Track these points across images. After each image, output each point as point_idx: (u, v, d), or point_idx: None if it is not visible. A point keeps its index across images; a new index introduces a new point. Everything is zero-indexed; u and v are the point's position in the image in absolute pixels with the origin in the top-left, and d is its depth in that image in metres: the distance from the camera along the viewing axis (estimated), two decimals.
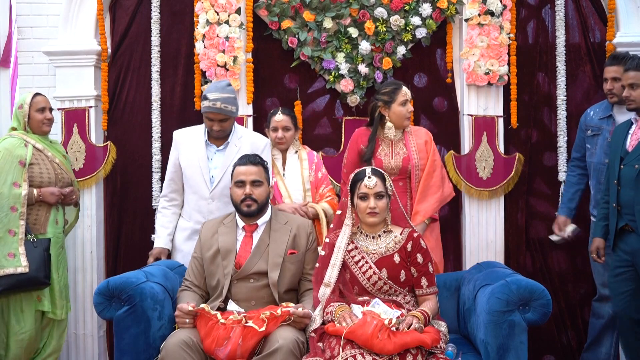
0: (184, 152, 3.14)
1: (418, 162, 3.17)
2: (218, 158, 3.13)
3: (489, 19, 3.61)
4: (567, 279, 3.74)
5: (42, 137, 3.32)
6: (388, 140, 3.20)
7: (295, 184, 3.23)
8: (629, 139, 3.06)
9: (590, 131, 3.31)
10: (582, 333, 3.69)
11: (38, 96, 3.31)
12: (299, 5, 3.66)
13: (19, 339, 3.14)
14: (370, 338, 2.27)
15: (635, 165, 2.97)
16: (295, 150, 3.34)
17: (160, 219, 3.20)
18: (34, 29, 3.91)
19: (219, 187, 3.08)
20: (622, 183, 3.03)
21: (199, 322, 2.49)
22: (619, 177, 3.04)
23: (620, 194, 3.04)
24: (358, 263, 2.64)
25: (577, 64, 3.76)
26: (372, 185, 2.59)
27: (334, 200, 3.26)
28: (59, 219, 3.31)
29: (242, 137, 3.16)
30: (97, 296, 2.59)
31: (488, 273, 2.74)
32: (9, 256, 3.03)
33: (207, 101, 3.00)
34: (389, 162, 3.17)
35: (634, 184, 2.97)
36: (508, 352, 2.43)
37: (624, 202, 3.01)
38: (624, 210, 3.02)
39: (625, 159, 3.03)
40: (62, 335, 3.35)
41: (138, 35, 3.79)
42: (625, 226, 3.02)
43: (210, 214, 3.08)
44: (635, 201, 2.96)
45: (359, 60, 3.67)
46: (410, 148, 3.20)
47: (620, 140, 3.09)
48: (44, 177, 3.22)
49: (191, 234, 3.12)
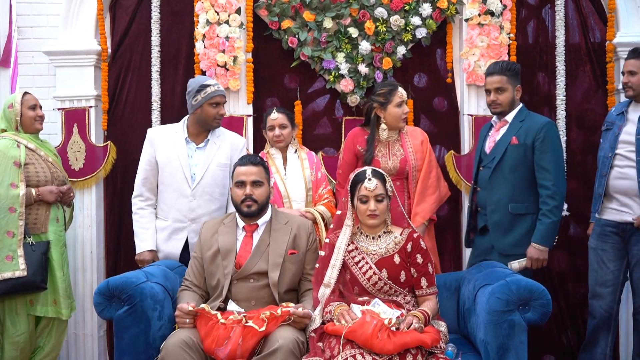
0: (161, 150, 3.13)
1: (415, 162, 3.18)
2: (198, 155, 3.14)
3: (489, 19, 3.61)
4: (567, 279, 3.74)
5: (33, 136, 3.30)
6: (385, 141, 3.21)
7: (298, 184, 3.22)
8: (487, 140, 3.18)
9: (605, 126, 3.28)
10: (582, 333, 3.69)
11: (27, 94, 3.31)
12: (299, 5, 3.66)
13: (14, 341, 3.13)
14: (370, 338, 2.27)
15: (490, 167, 3.07)
16: (294, 150, 3.34)
17: (140, 221, 3.15)
18: (34, 29, 3.91)
19: (200, 184, 3.09)
20: (480, 185, 3.14)
21: (199, 322, 2.49)
22: (477, 178, 3.16)
23: (477, 195, 3.15)
24: (358, 264, 2.64)
25: (577, 64, 3.76)
26: (373, 188, 2.59)
27: (331, 202, 3.25)
28: (59, 217, 3.30)
29: (220, 136, 3.19)
30: (97, 296, 2.58)
31: (488, 273, 2.74)
32: (7, 259, 3.01)
33: (209, 87, 3.07)
34: (387, 163, 3.17)
35: (487, 185, 3.08)
36: (508, 352, 2.43)
37: (481, 203, 3.13)
38: (482, 211, 3.14)
39: (483, 161, 3.14)
40: (62, 333, 3.34)
41: (138, 35, 3.80)
42: (485, 226, 3.14)
43: (191, 212, 3.09)
44: (487, 202, 3.07)
45: (359, 60, 3.67)
46: (407, 149, 3.20)
47: (481, 140, 3.21)
48: (40, 176, 3.21)
49: (171, 234, 3.12)
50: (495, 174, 3.05)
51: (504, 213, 3.02)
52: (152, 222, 3.15)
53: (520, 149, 3.01)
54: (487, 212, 3.07)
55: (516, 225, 3.02)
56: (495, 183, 3.05)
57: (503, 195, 3.03)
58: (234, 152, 3.17)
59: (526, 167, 3.01)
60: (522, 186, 3.02)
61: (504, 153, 3.03)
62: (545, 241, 2.97)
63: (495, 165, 3.04)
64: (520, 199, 3.02)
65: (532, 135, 3.00)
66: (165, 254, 3.14)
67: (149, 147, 3.17)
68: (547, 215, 2.95)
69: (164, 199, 3.14)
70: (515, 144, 3.02)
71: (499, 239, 3.04)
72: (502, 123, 3.15)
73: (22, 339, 3.15)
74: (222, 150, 3.13)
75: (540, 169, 2.98)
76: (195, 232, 3.06)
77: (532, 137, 3.00)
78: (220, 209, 3.16)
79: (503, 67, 3.09)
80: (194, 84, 3.12)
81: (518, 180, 3.01)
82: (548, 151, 2.97)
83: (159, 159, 3.13)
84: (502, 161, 3.03)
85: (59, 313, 3.22)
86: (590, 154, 3.73)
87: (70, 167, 3.70)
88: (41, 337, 3.27)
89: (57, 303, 3.21)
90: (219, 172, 3.12)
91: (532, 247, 2.98)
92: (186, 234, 3.12)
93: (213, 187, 3.11)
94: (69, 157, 3.71)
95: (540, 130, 2.99)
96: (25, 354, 3.19)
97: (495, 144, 3.10)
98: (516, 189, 3.01)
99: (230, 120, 3.66)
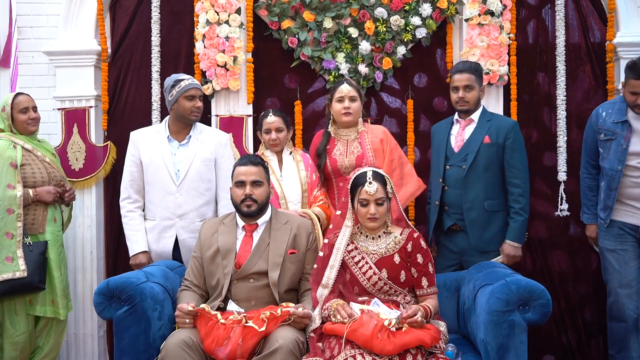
0: (145, 150, 3.18)
1: (373, 160, 3.16)
2: (182, 152, 3.18)
3: (489, 19, 3.61)
4: (567, 279, 3.74)
5: (30, 136, 3.29)
6: (344, 139, 3.22)
7: (294, 185, 3.21)
8: (452, 139, 3.20)
9: (603, 135, 3.16)
10: (582, 333, 3.69)
11: (20, 96, 3.26)
12: (299, 5, 3.66)
13: (14, 341, 3.13)
14: (370, 338, 2.27)
15: (463, 166, 3.11)
16: (289, 151, 3.32)
17: (130, 224, 3.19)
18: (34, 29, 3.91)
19: (185, 180, 3.13)
20: (449, 183, 3.16)
21: (199, 322, 2.49)
22: (444, 176, 3.16)
23: (446, 194, 3.17)
24: (358, 263, 2.64)
25: (577, 64, 3.76)
26: (373, 192, 2.58)
27: (325, 204, 3.22)
28: (57, 217, 3.30)
29: (202, 132, 3.25)
30: (97, 296, 2.58)
31: (488, 273, 2.74)
32: (7, 260, 3.00)
33: (183, 81, 3.15)
34: (344, 161, 3.18)
35: (461, 184, 3.11)
36: (508, 352, 2.43)
37: (451, 202, 3.15)
38: (451, 210, 3.16)
39: (451, 159, 3.16)
40: (61, 334, 3.33)
41: (138, 35, 3.80)
42: (453, 226, 3.16)
43: (178, 208, 3.12)
44: (462, 200, 3.10)
45: (359, 60, 3.67)
46: (365, 146, 3.20)
47: (443, 139, 3.22)
48: (37, 177, 3.20)
49: (161, 232, 3.15)
50: (470, 172, 3.09)
51: (480, 211, 3.09)
52: (142, 224, 3.19)
53: (493, 148, 3.09)
54: (463, 210, 3.11)
55: (491, 222, 3.11)
56: (470, 181, 3.10)
57: (478, 193, 3.09)
58: (218, 147, 3.23)
59: (498, 165, 3.11)
60: (495, 184, 3.12)
61: (478, 152, 3.09)
62: (519, 238, 3.10)
63: (470, 165, 3.08)
64: (494, 197, 3.11)
65: (503, 134, 3.10)
66: (157, 254, 3.16)
67: (132, 148, 3.23)
68: (519, 213, 3.08)
69: (151, 198, 3.18)
70: (487, 142, 3.09)
71: (477, 236, 3.10)
72: (467, 122, 3.19)
73: (22, 339, 3.14)
74: (206, 145, 3.20)
75: (511, 168, 3.10)
76: (184, 229, 3.11)
77: (503, 137, 3.10)
78: (207, 204, 3.19)
79: (472, 67, 3.17)
80: (169, 80, 3.19)
81: (491, 178, 3.11)
82: (517, 150, 3.10)
83: (143, 159, 3.18)
84: (476, 160, 3.09)
85: (57, 313, 3.22)
86: None
87: (70, 167, 3.70)
88: (40, 337, 3.27)
89: (55, 303, 3.22)
90: (204, 167, 3.17)
91: (507, 245, 3.08)
92: (175, 231, 3.14)
93: (198, 182, 3.15)
94: (69, 157, 3.71)
95: (511, 131, 3.11)
96: (25, 354, 3.19)
97: (466, 143, 3.14)
98: (490, 187, 3.10)
99: (230, 120, 3.66)
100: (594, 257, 3.72)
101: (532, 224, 3.74)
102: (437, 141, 3.28)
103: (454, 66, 3.25)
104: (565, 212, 3.67)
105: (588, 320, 3.73)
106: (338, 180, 3.22)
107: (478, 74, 3.18)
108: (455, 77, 3.16)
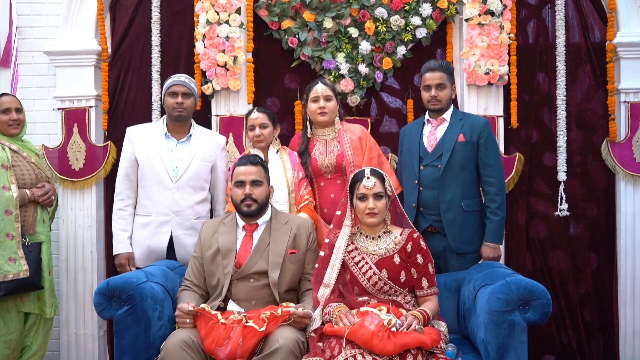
0: (140, 146, 3.21)
1: (352, 158, 3.17)
2: (181, 150, 3.21)
3: (489, 19, 3.61)
4: (567, 279, 3.74)
5: (15, 137, 3.27)
6: (322, 139, 3.24)
7: (280, 185, 3.16)
8: (425, 139, 3.16)
9: None
10: (582, 333, 3.69)
11: (3, 97, 3.24)
12: (299, 5, 3.66)
13: (7, 339, 3.12)
14: (370, 338, 2.27)
15: (438, 165, 3.07)
16: (276, 150, 3.30)
17: (119, 222, 3.21)
18: (34, 29, 3.92)
19: (184, 177, 3.16)
20: (424, 184, 3.10)
21: (199, 322, 2.49)
22: (419, 177, 3.11)
23: (422, 195, 3.11)
24: (358, 264, 2.64)
25: (577, 64, 3.76)
26: (371, 186, 2.59)
27: (310, 205, 3.19)
28: (45, 218, 3.31)
29: (202, 132, 3.31)
30: (97, 296, 2.59)
31: (488, 273, 2.74)
32: (10, 261, 3.01)
33: (169, 79, 3.20)
34: (324, 160, 3.20)
35: (437, 184, 3.07)
36: (508, 352, 2.43)
37: (427, 203, 3.09)
38: (427, 211, 3.10)
39: (425, 159, 3.11)
40: (48, 333, 3.34)
41: (138, 35, 3.80)
42: (428, 227, 3.12)
43: (174, 204, 3.14)
44: (439, 201, 3.05)
45: (359, 60, 3.67)
46: (343, 145, 3.21)
47: (416, 140, 3.17)
48: (26, 177, 3.20)
49: (156, 228, 3.16)
50: (446, 171, 3.05)
51: (457, 211, 3.05)
52: (130, 225, 3.22)
53: (468, 147, 3.07)
54: (440, 211, 3.05)
55: (469, 222, 3.06)
56: (446, 181, 3.06)
57: (455, 193, 3.05)
58: (216, 150, 3.28)
59: (473, 164, 3.09)
60: (471, 183, 3.09)
61: (453, 150, 3.05)
62: (498, 238, 3.06)
63: (446, 164, 3.05)
64: (471, 196, 3.08)
65: (477, 132, 3.08)
66: (151, 249, 3.17)
67: (128, 144, 3.25)
68: (495, 212, 3.03)
69: (147, 194, 3.19)
70: (462, 141, 3.06)
71: (455, 237, 3.05)
72: (439, 121, 3.17)
73: (14, 337, 3.15)
74: (205, 145, 3.24)
75: (486, 166, 3.07)
76: (179, 225, 3.14)
77: (477, 135, 3.07)
78: (202, 203, 3.23)
79: (444, 65, 3.15)
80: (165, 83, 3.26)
81: (468, 177, 3.07)
82: (491, 148, 3.08)
83: (138, 156, 3.20)
84: (452, 159, 3.05)
85: (42, 310, 3.23)
86: (590, 154, 3.74)
87: (71, 167, 3.70)
88: (28, 336, 3.27)
89: (40, 299, 3.23)
90: (202, 165, 3.22)
91: (486, 247, 3.05)
92: (170, 228, 3.15)
93: (195, 181, 3.19)
94: (69, 157, 3.71)
95: (484, 129, 3.09)
96: (16, 353, 3.19)
97: (439, 142, 3.11)
98: (467, 186, 3.07)
99: (230, 120, 3.66)
100: (594, 257, 3.73)
101: (532, 224, 3.75)
102: (409, 142, 3.22)
103: (425, 65, 3.20)
104: (565, 212, 3.67)
105: (588, 320, 3.73)
106: (319, 180, 3.25)
107: (450, 73, 3.15)
108: (427, 76, 3.13)
